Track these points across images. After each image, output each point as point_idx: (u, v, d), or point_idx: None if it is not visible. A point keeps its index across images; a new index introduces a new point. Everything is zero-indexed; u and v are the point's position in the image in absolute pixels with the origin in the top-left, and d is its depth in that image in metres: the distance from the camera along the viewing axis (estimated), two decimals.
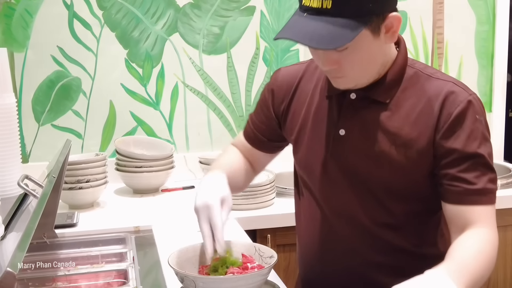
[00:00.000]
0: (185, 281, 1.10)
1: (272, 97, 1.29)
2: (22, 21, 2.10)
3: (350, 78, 1.10)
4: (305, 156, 1.23)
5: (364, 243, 1.19)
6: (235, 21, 2.26)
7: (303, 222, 1.31)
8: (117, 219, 1.79)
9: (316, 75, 1.23)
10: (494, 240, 1.07)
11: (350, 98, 1.15)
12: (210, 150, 2.30)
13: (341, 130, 1.15)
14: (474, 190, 1.07)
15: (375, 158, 1.13)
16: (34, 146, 2.18)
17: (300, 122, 1.23)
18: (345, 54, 1.05)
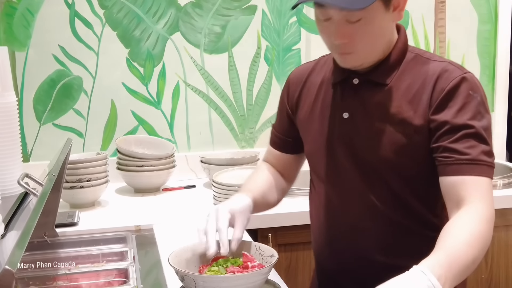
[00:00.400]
0: (185, 280, 1.09)
1: (287, 94, 1.35)
2: (23, 20, 2.10)
3: (359, 55, 1.13)
4: (313, 143, 1.28)
5: (372, 223, 1.21)
6: (237, 20, 2.26)
7: (314, 211, 1.35)
8: (118, 218, 1.79)
9: (324, 69, 1.28)
10: (488, 216, 1.05)
11: (353, 83, 1.19)
12: (211, 150, 2.30)
13: (345, 113, 1.20)
14: (464, 159, 1.07)
15: (377, 138, 1.16)
16: (35, 145, 2.18)
17: (308, 113, 1.28)
18: (358, 26, 1.09)
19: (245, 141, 2.34)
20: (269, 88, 2.33)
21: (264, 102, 2.34)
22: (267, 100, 2.34)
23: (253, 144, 2.35)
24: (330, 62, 1.26)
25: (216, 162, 2.10)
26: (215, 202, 1.91)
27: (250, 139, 2.34)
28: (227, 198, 1.85)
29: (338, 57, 1.17)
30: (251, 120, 2.34)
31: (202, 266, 1.18)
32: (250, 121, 2.34)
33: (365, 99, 1.18)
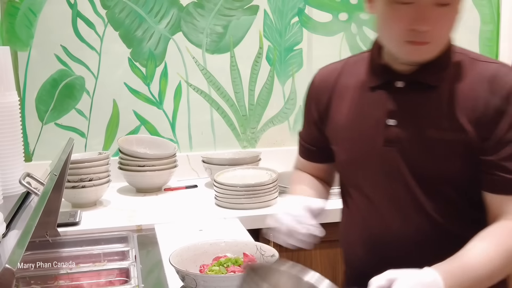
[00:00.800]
0: (186, 279, 1.10)
1: (314, 100, 1.25)
2: (26, 20, 2.11)
3: (435, 45, 1.06)
4: (350, 153, 1.18)
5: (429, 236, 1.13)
6: (239, 20, 2.26)
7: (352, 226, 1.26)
8: (119, 218, 1.79)
9: (356, 71, 1.18)
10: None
11: (396, 86, 1.11)
12: (213, 150, 2.30)
13: (389, 120, 1.11)
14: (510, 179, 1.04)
15: (424, 145, 1.09)
16: (38, 145, 2.18)
17: (343, 120, 1.18)
18: (445, 11, 1.02)
19: (247, 141, 2.34)
20: (271, 88, 2.34)
21: (266, 102, 2.34)
22: (269, 100, 2.34)
23: (254, 144, 2.35)
24: (363, 63, 1.17)
25: (218, 162, 2.10)
26: (216, 202, 1.91)
27: (252, 139, 2.35)
28: (228, 198, 1.87)
29: (409, 48, 1.05)
30: (253, 120, 2.34)
31: (202, 265, 1.18)
32: (252, 121, 2.34)
33: (412, 104, 1.10)
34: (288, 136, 2.37)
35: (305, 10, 2.31)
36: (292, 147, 2.34)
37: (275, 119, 2.36)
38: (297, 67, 2.34)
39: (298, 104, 2.36)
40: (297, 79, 2.35)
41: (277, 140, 2.36)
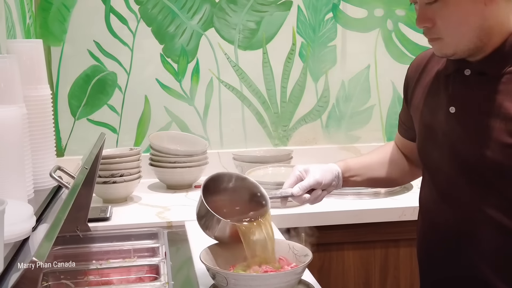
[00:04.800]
0: (217, 277, 1.07)
1: (405, 82, 1.33)
2: (59, 15, 2.12)
3: (447, 41, 1.09)
4: (420, 137, 1.24)
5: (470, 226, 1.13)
6: (272, 16, 2.23)
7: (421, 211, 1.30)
8: (150, 214, 1.78)
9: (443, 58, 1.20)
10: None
11: (464, 74, 1.13)
12: (244, 147, 2.27)
13: (452, 107, 1.13)
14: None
15: (484, 136, 1.08)
16: (70, 140, 2.19)
17: (421, 104, 1.23)
18: (436, 8, 1.06)
19: (278, 139, 2.31)
20: (304, 85, 2.30)
21: (298, 100, 2.30)
22: (301, 98, 2.30)
23: (286, 142, 2.31)
24: None
25: (249, 160, 2.07)
26: None
27: (283, 137, 2.31)
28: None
29: (430, 44, 1.14)
30: (285, 118, 2.30)
31: (232, 266, 1.15)
32: (284, 118, 2.30)
33: (474, 93, 1.11)
34: (320, 135, 2.33)
35: (339, 5, 2.27)
36: (325, 145, 2.32)
37: (308, 117, 2.32)
38: (331, 64, 2.30)
39: (331, 102, 2.31)
40: (330, 76, 2.31)
41: (309, 138, 2.32)
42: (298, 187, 1.24)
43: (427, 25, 1.09)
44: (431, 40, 1.12)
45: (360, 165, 1.35)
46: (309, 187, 1.25)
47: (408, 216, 1.77)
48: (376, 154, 1.41)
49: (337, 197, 1.89)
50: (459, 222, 1.15)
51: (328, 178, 1.27)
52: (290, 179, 1.26)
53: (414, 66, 1.31)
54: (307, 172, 1.26)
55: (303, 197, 1.25)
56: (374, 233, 1.82)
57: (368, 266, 1.85)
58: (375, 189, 1.92)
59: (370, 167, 1.36)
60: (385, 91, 2.34)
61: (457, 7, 1.06)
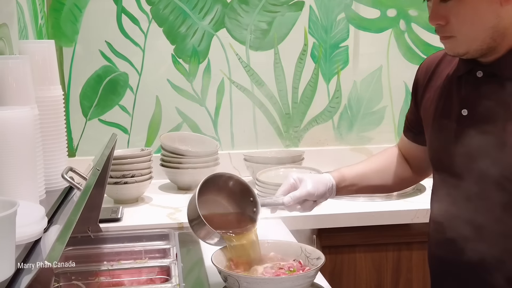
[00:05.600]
0: (228, 280, 1.06)
1: (415, 83, 1.32)
2: (71, 16, 2.12)
3: (459, 39, 1.08)
4: (431, 141, 1.23)
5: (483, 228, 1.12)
6: (283, 16, 2.22)
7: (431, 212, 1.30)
8: (161, 215, 1.78)
9: (454, 60, 1.20)
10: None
11: (476, 76, 1.12)
12: (255, 148, 2.27)
13: (464, 110, 1.13)
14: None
15: (496, 138, 1.08)
16: (81, 140, 2.19)
17: (433, 107, 1.22)
18: (451, 5, 1.05)
19: (290, 140, 2.30)
20: (315, 86, 2.28)
21: (310, 101, 2.29)
22: (313, 99, 2.29)
23: (297, 143, 2.30)
24: None
25: (260, 161, 2.06)
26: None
27: (294, 138, 2.30)
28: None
29: (442, 42, 1.12)
30: (296, 119, 2.29)
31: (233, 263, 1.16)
32: (295, 119, 2.29)
33: (487, 95, 1.10)
34: (332, 136, 2.31)
35: (352, 6, 2.25)
36: (336, 147, 2.31)
37: (319, 118, 2.30)
38: (343, 64, 2.29)
39: (343, 102, 2.30)
40: (342, 77, 2.29)
41: (320, 139, 2.31)
42: (290, 197, 1.24)
43: (440, 23, 1.08)
44: (443, 38, 1.11)
45: (354, 174, 1.34)
46: (300, 198, 1.25)
47: (421, 218, 1.75)
48: (372, 162, 1.40)
49: (349, 199, 1.88)
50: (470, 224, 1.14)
51: (321, 190, 1.27)
52: (283, 186, 1.27)
53: (423, 68, 1.30)
54: (301, 181, 1.26)
55: (293, 206, 1.25)
56: (387, 235, 1.81)
57: (381, 269, 1.84)
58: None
59: (365, 175, 1.35)
60: (398, 92, 2.33)
61: (472, 6, 1.05)
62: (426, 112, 1.25)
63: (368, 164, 1.39)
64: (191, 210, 1.17)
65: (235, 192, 1.25)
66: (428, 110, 1.24)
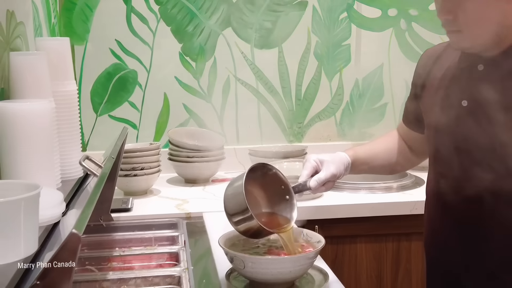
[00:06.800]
0: (234, 260, 1.13)
1: (415, 75, 1.37)
2: (82, 15, 2.20)
3: (465, 34, 1.12)
4: (430, 130, 1.28)
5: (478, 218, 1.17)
6: (287, 16, 2.29)
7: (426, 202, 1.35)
8: (169, 206, 1.85)
9: (455, 52, 1.24)
10: None
11: (477, 69, 1.16)
12: (260, 143, 2.34)
13: (464, 101, 1.17)
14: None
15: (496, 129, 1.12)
16: (92, 135, 2.27)
17: (432, 97, 1.27)
18: (460, 2, 1.09)
19: (293, 136, 2.37)
20: (318, 83, 2.35)
21: (313, 97, 2.36)
22: (316, 95, 2.36)
23: (301, 139, 2.37)
24: None
25: (265, 155, 2.13)
26: None
27: (298, 133, 2.37)
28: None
29: (448, 36, 1.16)
30: (300, 115, 2.36)
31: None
32: (299, 115, 2.36)
33: (486, 88, 1.14)
34: (334, 132, 2.38)
35: (354, 5, 2.32)
36: (339, 142, 2.38)
37: (322, 114, 2.37)
38: (345, 62, 2.35)
39: (345, 99, 2.37)
40: (344, 74, 2.36)
41: (323, 135, 2.38)
42: (316, 181, 1.27)
43: (449, 17, 1.11)
44: (450, 32, 1.14)
45: (367, 153, 1.40)
46: (325, 181, 1.28)
47: (419, 210, 1.79)
48: (380, 143, 1.46)
49: (350, 191, 1.95)
50: (467, 213, 1.19)
51: (342, 170, 1.32)
52: (306, 170, 1.29)
53: (424, 59, 1.34)
54: (322, 163, 1.30)
55: (318, 189, 1.29)
56: (386, 226, 1.87)
57: (380, 259, 1.90)
58: (387, 184, 1.98)
59: (377, 155, 1.41)
60: (398, 89, 2.39)
61: (480, 2, 1.08)
62: (426, 102, 1.30)
63: (377, 145, 1.44)
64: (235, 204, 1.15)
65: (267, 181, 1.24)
66: (428, 100, 1.28)
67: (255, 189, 1.20)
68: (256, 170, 1.20)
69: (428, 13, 2.35)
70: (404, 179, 2.03)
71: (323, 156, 1.32)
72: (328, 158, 1.31)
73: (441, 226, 1.27)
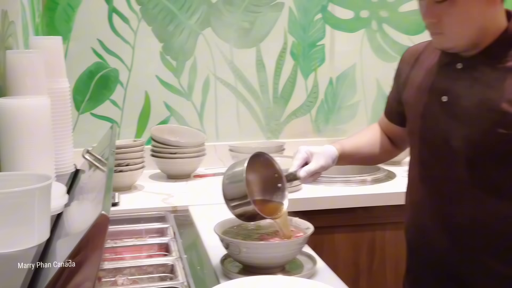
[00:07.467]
0: (230, 247, 1.21)
1: (398, 71, 1.45)
2: (64, 15, 2.23)
3: (448, 36, 1.20)
4: (412, 124, 1.35)
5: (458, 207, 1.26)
6: (265, 16, 2.37)
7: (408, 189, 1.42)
8: (155, 200, 1.90)
9: (435, 51, 1.32)
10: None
11: (456, 67, 1.25)
12: (239, 140, 2.41)
13: (444, 97, 1.26)
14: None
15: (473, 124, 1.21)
16: (74, 133, 2.28)
17: (414, 93, 1.35)
18: (444, 6, 1.17)
19: (271, 132, 2.45)
20: (294, 82, 2.45)
21: (289, 95, 2.45)
22: (292, 93, 2.45)
23: (278, 136, 2.46)
24: None
25: (245, 151, 2.21)
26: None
27: (275, 130, 2.45)
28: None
29: (431, 37, 1.24)
30: (277, 113, 2.45)
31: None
32: (276, 113, 2.45)
33: (465, 85, 1.23)
34: (310, 128, 2.48)
35: (328, 7, 2.42)
36: (315, 138, 2.48)
37: (298, 112, 2.47)
38: (320, 62, 2.45)
39: (320, 97, 2.47)
40: (319, 73, 2.46)
41: (299, 131, 2.47)
42: (306, 171, 1.34)
43: (433, 21, 1.19)
44: (434, 34, 1.22)
45: (353, 147, 1.48)
46: (314, 172, 1.35)
47: (393, 201, 1.92)
48: (365, 135, 1.54)
49: (326, 184, 2.04)
50: (447, 202, 1.27)
51: (330, 162, 1.39)
52: (297, 160, 1.35)
53: (406, 57, 1.43)
54: (312, 155, 1.37)
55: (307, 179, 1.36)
56: (362, 217, 1.97)
57: (357, 248, 2.00)
58: (362, 177, 2.08)
59: (361, 148, 1.50)
60: (370, 88, 2.51)
61: (463, 8, 1.17)
62: (408, 97, 1.38)
63: (361, 138, 1.52)
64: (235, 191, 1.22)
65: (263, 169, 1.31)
66: (411, 95, 1.37)
67: (251, 175, 1.27)
68: (254, 158, 1.27)
69: (398, 15, 2.47)
70: (377, 173, 2.14)
71: (314, 148, 1.38)
72: (318, 150, 1.38)
73: (424, 210, 1.34)
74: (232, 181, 1.23)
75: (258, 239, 1.26)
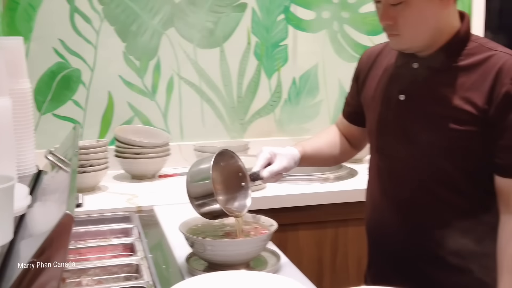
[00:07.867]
0: (195, 245, 1.22)
1: (357, 72, 1.48)
2: (25, 15, 2.20)
3: (404, 37, 1.24)
4: (371, 122, 1.39)
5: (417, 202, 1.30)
6: (228, 17, 2.39)
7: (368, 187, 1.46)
8: (119, 200, 1.90)
9: (392, 52, 1.37)
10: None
11: (412, 67, 1.30)
12: (204, 140, 2.42)
13: (401, 95, 1.30)
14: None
15: (429, 121, 1.26)
16: (36, 134, 2.26)
17: (372, 93, 1.39)
18: (399, 9, 1.21)
19: (235, 132, 2.47)
20: (258, 81, 2.47)
21: (253, 95, 2.47)
22: (256, 93, 2.47)
23: (243, 135, 2.48)
24: None
25: (210, 150, 2.22)
26: None
27: (240, 129, 2.47)
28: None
29: (388, 38, 1.28)
30: (241, 112, 2.47)
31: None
32: (240, 112, 2.47)
33: (421, 83, 1.28)
34: (274, 127, 2.51)
35: (290, 8, 2.45)
36: (279, 137, 2.51)
37: (262, 111, 2.49)
38: (283, 62, 2.48)
39: (283, 97, 2.50)
40: (282, 73, 2.49)
41: (264, 130, 2.50)
42: (269, 172, 1.36)
43: (389, 23, 1.24)
44: (390, 36, 1.27)
45: (313, 149, 1.50)
46: (277, 173, 1.38)
47: (355, 198, 1.96)
48: (324, 137, 1.57)
49: (290, 182, 2.08)
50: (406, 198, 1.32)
51: (292, 164, 1.42)
52: (260, 161, 1.37)
53: (364, 58, 1.47)
54: (275, 156, 1.39)
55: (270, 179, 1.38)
56: (325, 214, 2.01)
57: (321, 244, 2.04)
58: (325, 175, 2.12)
59: (321, 150, 1.53)
60: (332, 87, 2.55)
61: (417, 10, 1.21)
62: (367, 97, 1.43)
63: (321, 140, 1.55)
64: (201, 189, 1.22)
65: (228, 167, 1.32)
66: (369, 96, 1.41)
67: (215, 173, 1.27)
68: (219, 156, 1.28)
69: (359, 16, 2.52)
70: (339, 170, 2.18)
71: (277, 149, 1.41)
72: (281, 151, 1.40)
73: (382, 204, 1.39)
74: (197, 179, 1.24)
75: (223, 236, 1.28)
